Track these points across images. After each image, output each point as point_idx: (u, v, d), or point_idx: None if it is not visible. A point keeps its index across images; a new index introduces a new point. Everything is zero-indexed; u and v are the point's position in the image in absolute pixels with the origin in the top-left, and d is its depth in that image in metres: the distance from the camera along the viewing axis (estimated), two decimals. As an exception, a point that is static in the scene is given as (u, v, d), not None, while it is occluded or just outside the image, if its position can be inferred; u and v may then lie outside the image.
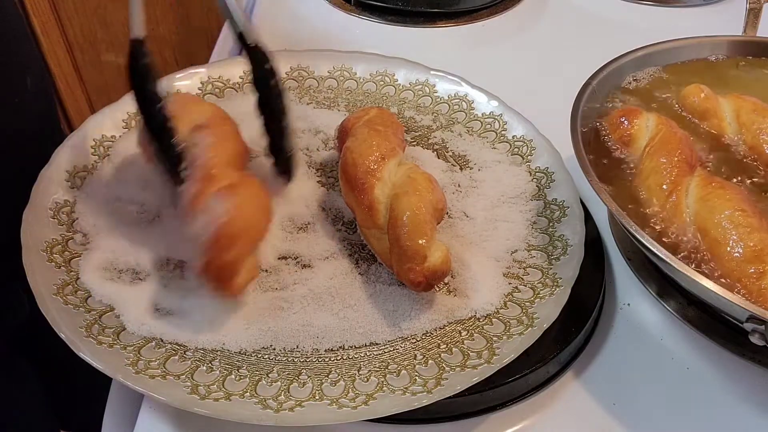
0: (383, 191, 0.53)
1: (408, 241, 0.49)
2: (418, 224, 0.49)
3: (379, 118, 0.59)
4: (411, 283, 0.49)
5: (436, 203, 0.52)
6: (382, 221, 0.52)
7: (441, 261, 0.49)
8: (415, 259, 0.48)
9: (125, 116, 0.65)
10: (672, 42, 0.66)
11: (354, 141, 0.56)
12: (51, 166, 0.58)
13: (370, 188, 0.53)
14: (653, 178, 0.52)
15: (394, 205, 0.51)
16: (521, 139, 0.66)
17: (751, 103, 0.58)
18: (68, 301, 0.49)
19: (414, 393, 0.45)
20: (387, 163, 0.54)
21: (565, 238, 0.56)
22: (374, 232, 0.53)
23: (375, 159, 0.54)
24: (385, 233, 0.52)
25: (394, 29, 0.91)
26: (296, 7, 0.95)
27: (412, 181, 0.53)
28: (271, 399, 0.44)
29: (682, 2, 1.00)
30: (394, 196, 0.52)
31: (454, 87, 0.72)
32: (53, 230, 0.54)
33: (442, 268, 0.49)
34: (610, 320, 0.56)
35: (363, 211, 0.53)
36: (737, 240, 0.46)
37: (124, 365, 0.45)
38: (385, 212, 0.52)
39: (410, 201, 0.51)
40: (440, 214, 0.53)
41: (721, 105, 0.60)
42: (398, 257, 0.50)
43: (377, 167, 0.54)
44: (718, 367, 0.53)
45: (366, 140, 0.56)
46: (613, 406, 0.50)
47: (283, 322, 0.49)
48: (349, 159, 0.55)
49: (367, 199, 0.52)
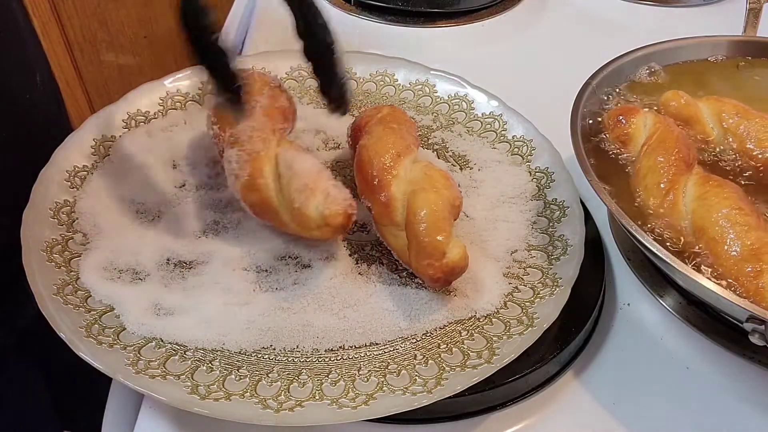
0: (400, 188, 0.53)
1: (426, 237, 0.49)
2: (436, 220, 0.50)
3: (393, 116, 0.60)
4: (429, 279, 0.49)
5: (453, 200, 0.52)
6: (399, 218, 0.52)
7: (459, 257, 0.49)
8: (434, 255, 0.49)
9: (126, 116, 0.65)
10: (672, 42, 0.67)
11: (369, 139, 0.57)
12: (51, 166, 0.58)
13: (387, 185, 0.53)
14: (651, 177, 0.52)
15: (411, 201, 0.51)
16: (521, 139, 0.66)
17: (732, 105, 0.58)
18: (68, 301, 0.49)
19: (414, 393, 0.45)
20: (403, 160, 0.54)
21: (565, 238, 0.56)
22: (391, 228, 0.53)
23: (391, 156, 0.54)
24: (402, 230, 0.52)
25: (394, 29, 0.91)
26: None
27: (429, 177, 0.53)
28: (271, 399, 0.44)
29: (682, 2, 1.01)
30: (411, 193, 0.52)
31: (454, 87, 0.72)
32: (53, 230, 0.54)
33: (460, 265, 0.49)
34: (610, 320, 0.56)
35: (379, 208, 0.53)
36: (735, 238, 0.46)
37: (124, 365, 0.45)
38: (402, 209, 0.52)
39: (428, 197, 0.51)
40: (457, 211, 0.53)
41: (701, 110, 0.60)
42: (416, 253, 0.50)
43: (393, 164, 0.54)
44: (718, 367, 0.53)
45: (381, 138, 0.56)
46: (613, 405, 0.50)
47: (283, 322, 0.49)
48: (365, 156, 0.55)
49: (384, 196, 0.53)
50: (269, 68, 0.72)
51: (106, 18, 1.43)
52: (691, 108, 0.60)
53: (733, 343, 0.53)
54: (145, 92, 0.68)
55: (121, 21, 1.44)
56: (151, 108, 0.67)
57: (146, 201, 0.58)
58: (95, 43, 1.46)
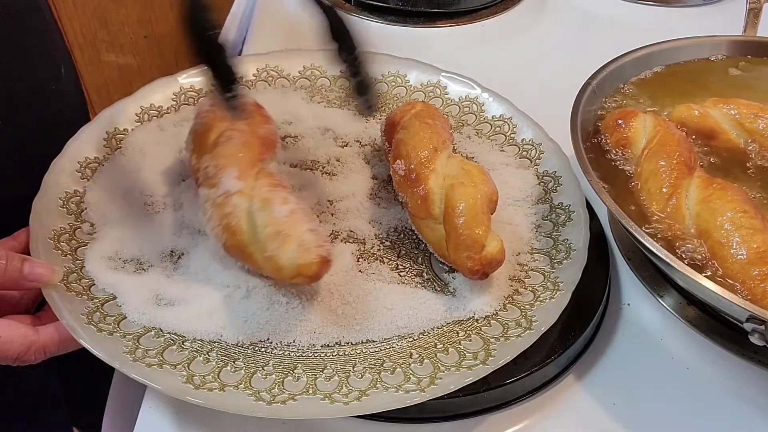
0: (437, 182, 0.54)
1: (466, 230, 0.50)
2: (475, 214, 0.50)
3: (427, 112, 0.60)
4: (469, 272, 0.50)
5: (491, 194, 0.53)
6: (437, 211, 0.53)
7: (497, 250, 0.50)
8: (474, 247, 0.49)
9: (138, 110, 0.66)
10: (672, 42, 0.66)
11: (406, 134, 0.57)
12: (63, 157, 0.59)
13: (425, 179, 0.53)
14: (652, 182, 0.51)
15: (450, 195, 0.52)
16: (530, 142, 0.66)
17: (744, 105, 0.57)
18: (71, 288, 0.50)
19: (407, 391, 0.45)
20: (439, 155, 0.55)
21: (569, 242, 0.56)
22: (428, 222, 0.54)
23: (429, 151, 0.55)
24: (440, 223, 0.53)
25: (394, 29, 0.92)
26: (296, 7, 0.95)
27: (466, 172, 0.53)
28: (264, 392, 0.45)
29: (682, 2, 1.00)
30: (449, 187, 0.53)
31: (465, 89, 0.71)
32: (62, 219, 0.55)
33: (498, 257, 0.50)
34: (611, 320, 0.55)
35: (417, 202, 0.54)
36: (740, 242, 0.46)
37: (123, 353, 0.46)
38: (439, 203, 0.53)
39: (467, 191, 0.51)
40: (494, 205, 0.53)
41: (717, 119, 0.59)
42: (455, 246, 0.50)
43: (431, 158, 0.54)
44: (718, 367, 0.52)
45: (418, 133, 0.57)
46: (613, 406, 0.50)
47: (281, 316, 0.50)
48: (402, 151, 0.56)
49: (422, 189, 0.53)
50: (282, 66, 0.73)
51: (106, 18, 1.44)
52: (709, 120, 0.59)
53: (733, 343, 0.52)
54: (158, 87, 0.69)
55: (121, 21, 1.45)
56: (165, 103, 0.68)
57: (154, 193, 0.59)
58: (95, 43, 1.47)
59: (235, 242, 0.50)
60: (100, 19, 1.43)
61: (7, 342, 0.45)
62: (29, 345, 0.46)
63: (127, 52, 1.50)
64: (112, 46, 1.48)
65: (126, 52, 1.50)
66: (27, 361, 0.47)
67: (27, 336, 0.46)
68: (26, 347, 0.46)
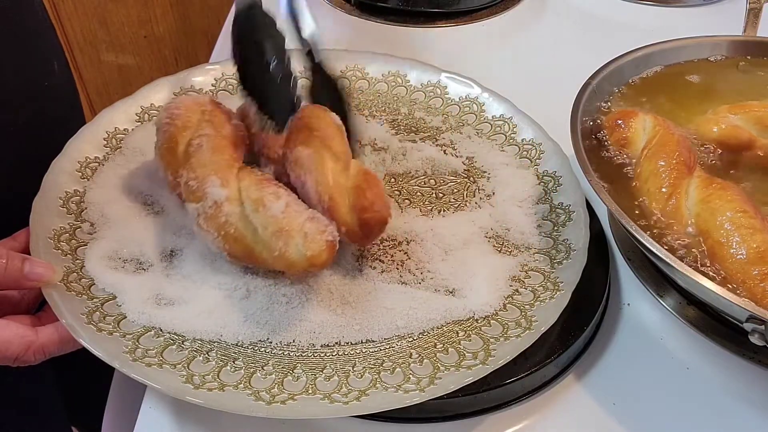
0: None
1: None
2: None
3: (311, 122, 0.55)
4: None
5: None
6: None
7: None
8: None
9: (139, 110, 0.66)
10: (672, 42, 0.66)
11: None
12: (63, 156, 0.59)
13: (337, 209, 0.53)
14: (652, 182, 0.51)
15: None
16: (530, 142, 0.66)
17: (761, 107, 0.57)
18: (71, 287, 0.50)
19: (407, 391, 0.45)
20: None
21: (569, 242, 0.56)
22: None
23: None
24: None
25: (394, 29, 0.92)
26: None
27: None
28: (264, 391, 0.45)
29: (682, 2, 1.00)
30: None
31: (465, 89, 0.71)
32: (62, 219, 0.55)
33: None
34: (611, 321, 0.55)
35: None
36: (740, 242, 0.46)
37: (122, 352, 0.46)
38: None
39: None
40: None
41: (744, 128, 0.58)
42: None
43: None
44: (718, 367, 0.52)
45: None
46: (613, 406, 0.50)
47: (281, 316, 0.50)
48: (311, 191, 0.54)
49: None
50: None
51: (106, 18, 1.44)
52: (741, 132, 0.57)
53: (733, 343, 0.52)
54: (158, 87, 0.69)
55: (121, 21, 1.45)
56: (165, 103, 0.68)
57: (154, 193, 0.59)
58: (95, 43, 1.47)
59: (239, 248, 0.50)
60: (100, 19, 1.43)
61: (5, 342, 0.45)
62: (28, 345, 0.46)
63: (127, 52, 1.50)
64: (112, 46, 1.48)
65: (126, 52, 1.49)
66: (26, 361, 0.47)
67: (25, 336, 0.46)
68: (25, 348, 0.46)
